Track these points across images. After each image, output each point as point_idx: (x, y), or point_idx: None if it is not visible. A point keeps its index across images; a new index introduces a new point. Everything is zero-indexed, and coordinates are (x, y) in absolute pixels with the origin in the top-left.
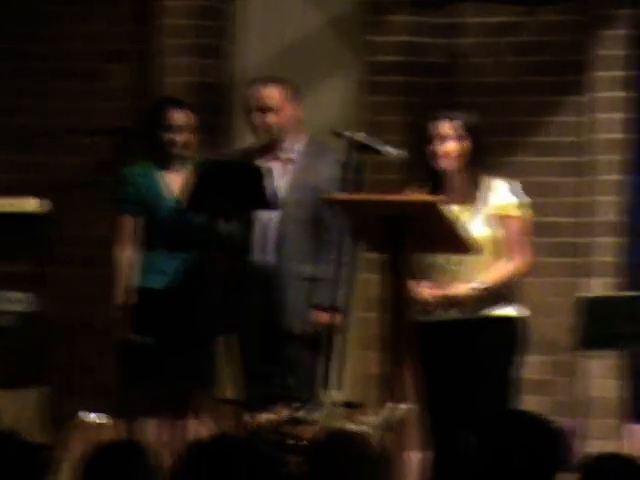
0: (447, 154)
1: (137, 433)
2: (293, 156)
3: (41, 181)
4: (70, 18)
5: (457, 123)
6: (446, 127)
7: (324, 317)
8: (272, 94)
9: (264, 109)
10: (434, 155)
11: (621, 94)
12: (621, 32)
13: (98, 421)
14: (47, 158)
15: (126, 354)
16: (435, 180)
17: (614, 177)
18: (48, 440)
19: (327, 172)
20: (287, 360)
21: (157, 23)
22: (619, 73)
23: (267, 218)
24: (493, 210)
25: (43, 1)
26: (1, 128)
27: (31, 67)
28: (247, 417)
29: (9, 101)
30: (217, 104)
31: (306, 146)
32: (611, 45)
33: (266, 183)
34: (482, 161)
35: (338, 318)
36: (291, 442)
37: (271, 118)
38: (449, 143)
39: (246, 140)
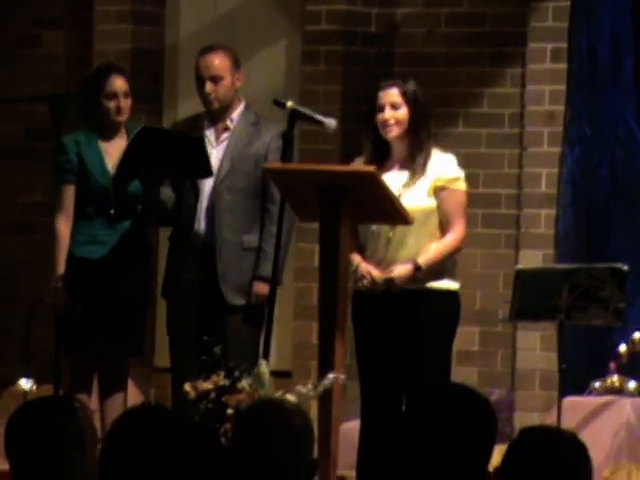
0: (399, 121)
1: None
2: (230, 125)
3: None
4: None
5: (403, 90)
6: (396, 94)
7: (264, 288)
8: (222, 62)
9: (215, 78)
10: (385, 123)
11: (558, 66)
12: (561, 4)
13: (30, 387)
14: None
15: (61, 323)
16: (379, 149)
17: (550, 149)
18: None
19: (274, 143)
20: (224, 330)
21: None
22: (555, 45)
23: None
24: (436, 181)
25: None
26: None
27: None
28: (185, 386)
29: None
30: (150, 71)
31: (243, 115)
32: (548, 17)
33: (203, 150)
34: (426, 128)
35: (276, 289)
36: (230, 411)
37: (222, 86)
38: (401, 110)
39: (178, 106)
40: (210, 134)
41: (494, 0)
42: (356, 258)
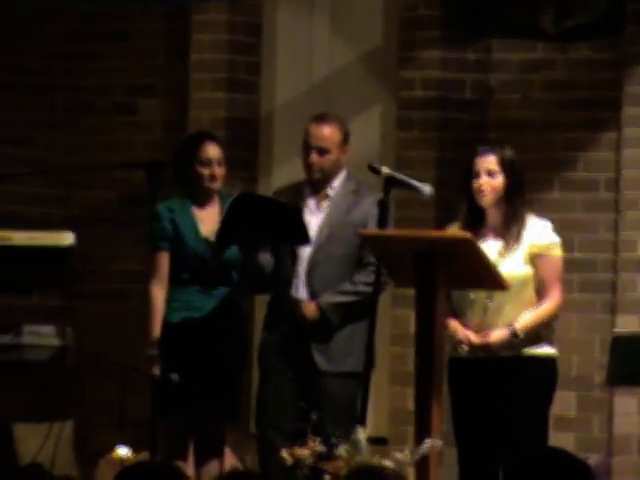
0: (494, 189)
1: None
2: (330, 192)
3: (72, 215)
4: (100, 52)
5: (500, 158)
6: (493, 162)
7: (312, 311)
8: (332, 135)
9: (322, 150)
10: (480, 190)
11: None
12: None
13: (126, 455)
14: (77, 192)
15: (157, 390)
16: (474, 216)
17: None
18: (72, 473)
19: (373, 210)
20: (320, 396)
21: (187, 57)
22: None
23: (299, 254)
24: (531, 248)
25: (73, 36)
26: (31, 161)
27: (62, 100)
28: (282, 452)
29: (41, 135)
30: (245, 138)
31: (344, 183)
32: None
33: (299, 219)
34: (521, 197)
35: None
36: (327, 478)
37: (327, 159)
38: (497, 178)
39: (273, 174)
40: (311, 202)
41: (588, 65)
42: (453, 323)
